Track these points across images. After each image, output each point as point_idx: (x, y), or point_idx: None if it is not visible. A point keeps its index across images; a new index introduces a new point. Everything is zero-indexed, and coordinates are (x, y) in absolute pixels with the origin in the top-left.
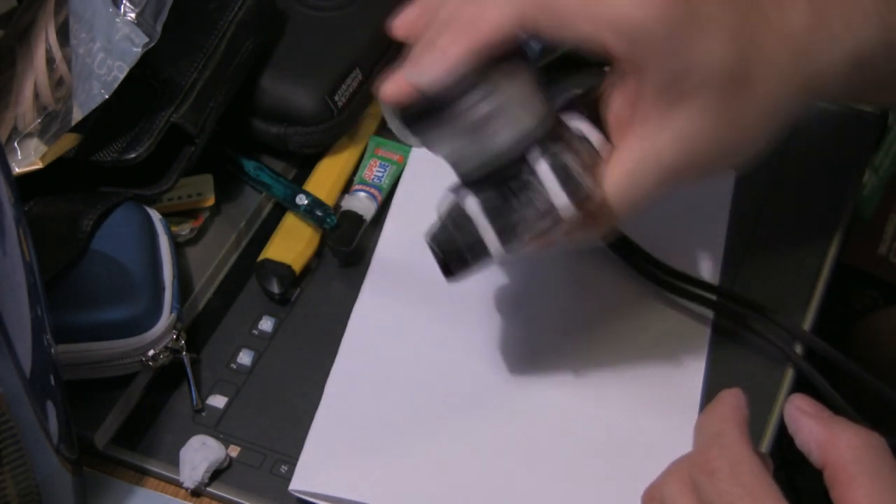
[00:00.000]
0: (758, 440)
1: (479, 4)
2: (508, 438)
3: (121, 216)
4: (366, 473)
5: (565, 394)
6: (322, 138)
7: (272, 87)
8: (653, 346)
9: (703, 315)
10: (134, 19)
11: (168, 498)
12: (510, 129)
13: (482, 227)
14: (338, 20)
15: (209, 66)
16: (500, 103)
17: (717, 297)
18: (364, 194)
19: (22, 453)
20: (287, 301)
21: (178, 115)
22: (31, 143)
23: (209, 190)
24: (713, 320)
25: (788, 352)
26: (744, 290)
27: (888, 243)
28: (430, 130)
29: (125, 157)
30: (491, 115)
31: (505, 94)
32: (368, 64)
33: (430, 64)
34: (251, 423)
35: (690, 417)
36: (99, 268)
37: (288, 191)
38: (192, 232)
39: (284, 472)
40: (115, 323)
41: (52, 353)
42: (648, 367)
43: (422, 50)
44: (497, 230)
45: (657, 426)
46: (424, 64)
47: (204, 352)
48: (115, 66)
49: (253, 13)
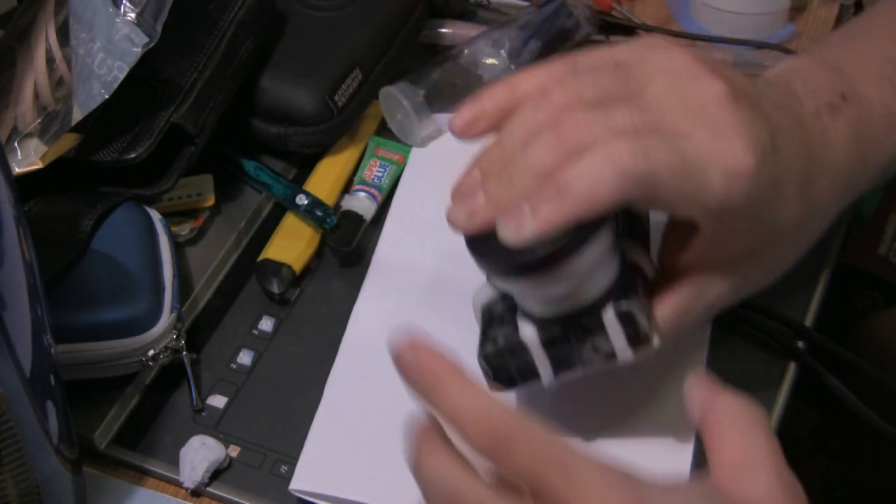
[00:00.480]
0: None
1: (575, 163)
2: None
3: (121, 216)
4: (366, 473)
5: (563, 391)
6: (322, 138)
7: (272, 87)
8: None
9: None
10: (134, 19)
11: (168, 498)
12: (588, 291)
13: (539, 359)
14: (338, 20)
15: (209, 66)
16: (581, 265)
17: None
18: (364, 194)
19: (22, 453)
20: (287, 301)
21: (178, 115)
22: (31, 143)
23: (209, 190)
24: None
25: (790, 345)
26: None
27: (888, 243)
28: (497, 266)
29: (125, 157)
30: (569, 274)
31: (586, 255)
32: (368, 64)
33: (516, 225)
34: (251, 423)
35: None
36: (99, 268)
37: (288, 191)
38: (192, 232)
39: (284, 472)
40: (115, 323)
41: (52, 353)
42: (649, 368)
43: (506, 198)
44: (553, 364)
45: (658, 425)
46: (511, 220)
47: (204, 352)
48: (115, 66)
49: (253, 13)
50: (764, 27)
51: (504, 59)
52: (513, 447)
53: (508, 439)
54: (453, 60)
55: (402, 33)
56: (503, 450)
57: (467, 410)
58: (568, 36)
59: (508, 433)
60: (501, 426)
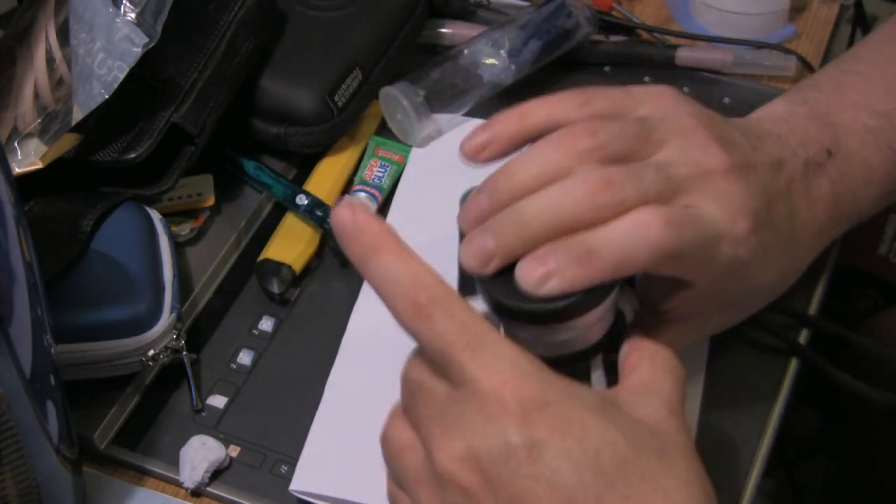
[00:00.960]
0: (758, 438)
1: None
2: None
3: (121, 216)
4: (366, 474)
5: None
6: (322, 138)
7: (272, 87)
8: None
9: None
10: (134, 19)
11: (168, 498)
12: (584, 342)
13: None
14: (338, 20)
15: (209, 66)
16: (589, 320)
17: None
18: (364, 194)
19: (22, 453)
20: (287, 301)
21: (178, 115)
22: (31, 143)
23: (209, 190)
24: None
25: (791, 341)
26: None
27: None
28: (506, 308)
29: (125, 157)
30: (574, 326)
31: (595, 312)
32: (368, 64)
33: (540, 278)
34: (251, 423)
35: (692, 417)
36: (99, 268)
37: (288, 191)
38: (192, 232)
39: (284, 472)
40: (115, 323)
41: (52, 353)
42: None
43: (518, 244)
44: None
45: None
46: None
47: (204, 352)
48: (115, 66)
49: (253, 13)
50: (764, 27)
51: (504, 58)
52: (432, 313)
53: (430, 304)
54: (453, 60)
55: (402, 33)
56: (423, 316)
57: (397, 274)
58: (568, 36)
59: (431, 299)
60: (425, 292)
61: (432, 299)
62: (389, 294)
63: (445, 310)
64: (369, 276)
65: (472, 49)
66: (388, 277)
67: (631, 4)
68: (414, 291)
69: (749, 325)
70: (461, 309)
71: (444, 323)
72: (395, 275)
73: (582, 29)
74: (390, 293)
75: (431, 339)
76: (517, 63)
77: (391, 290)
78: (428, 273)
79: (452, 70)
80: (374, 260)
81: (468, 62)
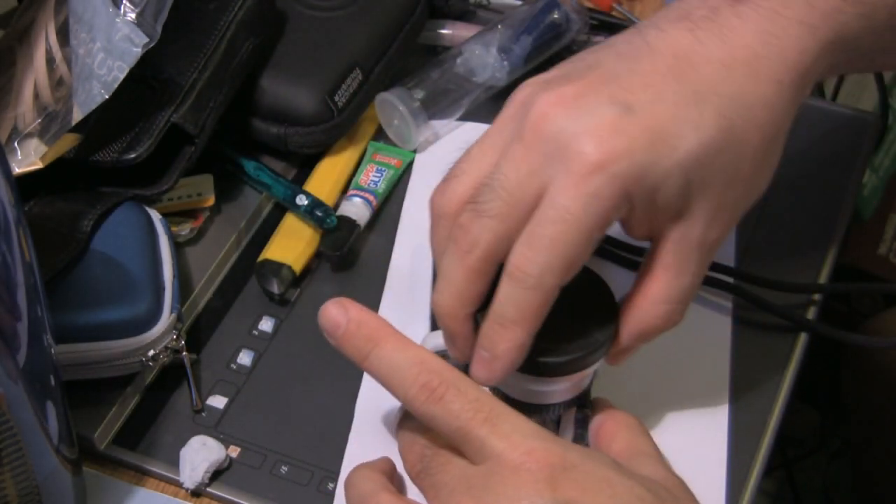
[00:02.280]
0: (758, 437)
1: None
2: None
3: (121, 216)
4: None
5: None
6: (322, 138)
7: (272, 87)
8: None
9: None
10: (134, 19)
11: (168, 498)
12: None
13: None
14: (338, 20)
15: (209, 66)
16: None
17: (733, 280)
18: (359, 199)
19: (22, 453)
20: (287, 301)
21: (178, 115)
22: (31, 143)
23: (209, 190)
24: (732, 309)
25: (799, 317)
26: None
27: (888, 243)
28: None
29: (125, 158)
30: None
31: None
32: (368, 64)
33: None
34: (251, 424)
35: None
36: (99, 268)
37: (288, 191)
38: (192, 232)
39: (284, 473)
40: (115, 323)
41: (51, 353)
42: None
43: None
44: None
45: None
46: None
47: (204, 352)
48: (115, 66)
49: (253, 13)
50: None
51: (496, 56)
52: (444, 395)
53: (442, 385)
54: (448, 63)
55: (402, 34)
56: (436, 398)
57: (403, 363)
58: (558, 31)
59: (443, 381)
60: (435, 376)
61: (444, 381)
62: (397, 383)
63: (458, 389)
64: (373, 369)
65: (466, 50)
66: (394, 366)
67: (631, 4)
68: (424, 376)
69: (750, 324)
70: (471, 386)
71: (457, 402)
72: (401, 363)
73: (573, 23)
74: (398, 382)
75: (447, 419)
76: (510, 60)
77: (399, 379)
78: (432, 357)
79: (447, 74)
80: (377, 352)
81: (462, 64)
